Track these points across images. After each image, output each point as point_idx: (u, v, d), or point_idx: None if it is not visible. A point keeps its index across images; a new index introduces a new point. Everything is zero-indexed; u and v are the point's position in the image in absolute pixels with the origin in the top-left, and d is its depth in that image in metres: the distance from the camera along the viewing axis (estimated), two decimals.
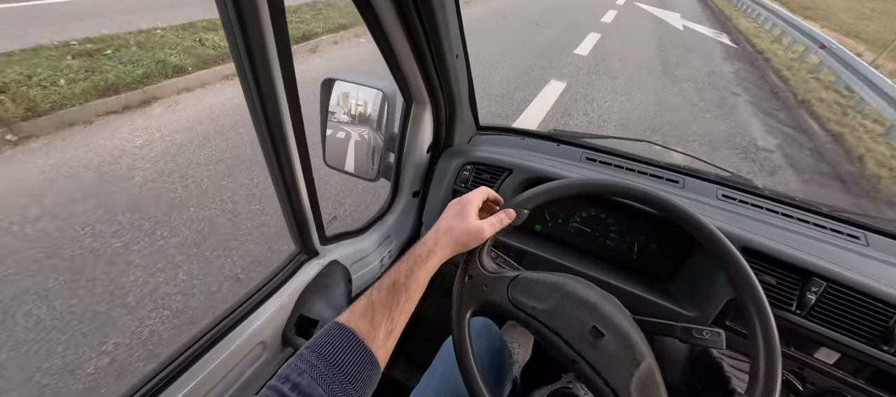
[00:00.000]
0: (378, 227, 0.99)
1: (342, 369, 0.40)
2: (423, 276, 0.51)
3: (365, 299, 0.47)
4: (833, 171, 3.65)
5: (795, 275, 0.68)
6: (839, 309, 0.65)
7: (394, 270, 0.51)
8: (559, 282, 0.57)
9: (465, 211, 0.58)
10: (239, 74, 0.44)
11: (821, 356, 0.69)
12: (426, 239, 0.55)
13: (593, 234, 0.88)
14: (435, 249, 0.54)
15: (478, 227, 0.57)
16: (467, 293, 0.59)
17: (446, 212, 0.59)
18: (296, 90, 0.49)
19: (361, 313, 0.45)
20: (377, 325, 0.45)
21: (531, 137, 1.08)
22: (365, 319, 0.45)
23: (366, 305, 0.46)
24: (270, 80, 0.44)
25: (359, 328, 0.44)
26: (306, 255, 0.72)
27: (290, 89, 0.48)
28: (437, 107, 0.84)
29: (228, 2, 0.37)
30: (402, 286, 0.49)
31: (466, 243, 0.56)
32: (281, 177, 0.56)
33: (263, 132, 0.49)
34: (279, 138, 0.51)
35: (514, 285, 0.58)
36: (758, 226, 0.76)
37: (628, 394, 0.50)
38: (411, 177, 0.98)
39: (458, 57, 0.72)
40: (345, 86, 0.92)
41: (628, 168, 0.95)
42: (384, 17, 0.58)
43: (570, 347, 0.54)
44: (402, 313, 0.48)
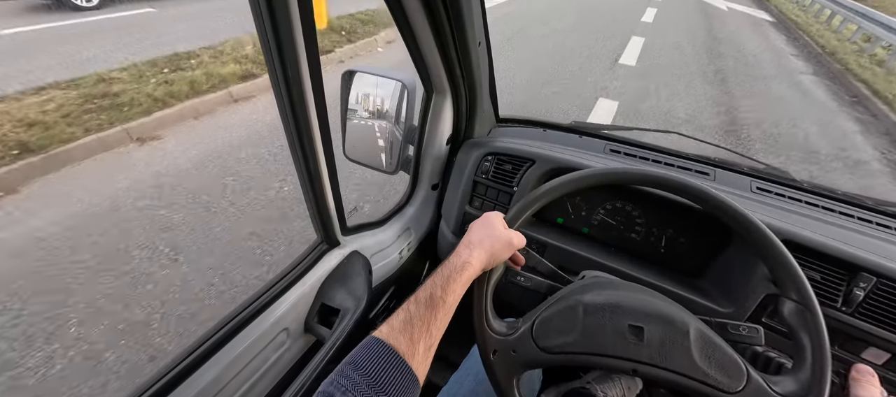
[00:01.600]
0: (397, 219, 0.99)
1: (386, 389, 0.39)
2: (459, 289, 0.51)
3: (403, 313, 0.47)
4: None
5: (841, 270, 0.64)
6: (890, 305, 0.61)
7: (429, 284, 0.50)
8: (572, 302, 0.54)
9: (491, 222, 0.58)
10: (268, 66, 0.44)
11: (869, 356, 0.65)
12: (459, 250, 0.55)
13: (618, 227, 0.86)
14: (470, 260, 0.53)
15: (508, 237, 0.56)
16: (501, 369, 0.55)
17: (472, 227, 0.58)
18: (321, 82, 0.49)
19: (401, 328, 0.45)
20: (416, 341, 0.44)
21: (552, 129, 1.06)
22: (404, 335, 0.44)
23: (404, 320, 0.46)
24: (297, 71, 0.45)
25: (399, 344, 0.43)
26: (328, 245, 0.73)
27: (316, 81, 0.48)
28: (458, 97, 0.83)
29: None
30: (440, 300, 0.48)
31: (499, 253, 0.56)
32: (305, 168, 0.57)
33: (289, 123, 0.50)
34: (304, 129, 0.51)
35: (538, 333, 0.54)
36: (798, 220, 0.72)
37: (697, 369, 0.48)
38: (430, 169, 0.98)
39: (481, 45, 0.71)
40: (365, 77, 0.92)
41: (654, 160, 0.92)
42: (408, 2, 0.57)
43: (622, 359, 0.51)
44: (440, 327, 0.47)
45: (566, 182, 0.60)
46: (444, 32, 0.62)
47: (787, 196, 0.81)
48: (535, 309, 0.58)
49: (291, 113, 0.48)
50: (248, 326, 0.60)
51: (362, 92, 0.95)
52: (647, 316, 0.51)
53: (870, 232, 0.72)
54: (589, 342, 0.52)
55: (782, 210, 0.76)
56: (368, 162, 1.02)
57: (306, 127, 0.51)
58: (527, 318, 0.57)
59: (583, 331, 0.52)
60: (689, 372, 0.47)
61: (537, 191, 0.61)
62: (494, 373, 0.55)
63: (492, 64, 0.84)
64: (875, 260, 0.62)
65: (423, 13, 0.58)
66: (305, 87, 0.47)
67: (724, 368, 0.47)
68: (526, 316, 0.57)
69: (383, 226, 0.94)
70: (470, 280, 0.53)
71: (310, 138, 0.52)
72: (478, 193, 0.93)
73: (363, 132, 1.00)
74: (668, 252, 0.82)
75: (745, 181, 0.85)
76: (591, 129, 1.06)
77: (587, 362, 0.52)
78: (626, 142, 0.99)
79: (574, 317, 0.53)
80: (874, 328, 0.62)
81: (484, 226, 0.57)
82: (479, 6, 0.65)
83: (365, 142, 1.01)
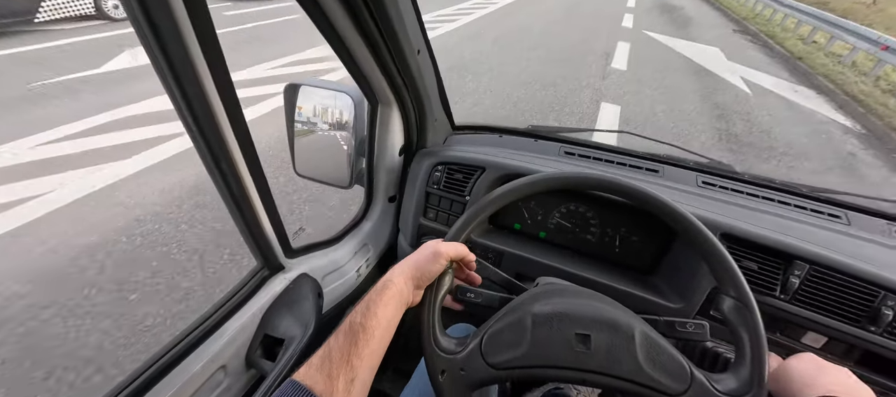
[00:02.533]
0: (353, 236, 0.95)
1: None
2: (382, 311, 0.48)
3: (323, 348, 0.44)
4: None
5: (778, 259, 0.65)
6: (824, 291, 0.63)
7: (351, 312, 0.48)
8: (521, 314, 0.53)
9: (426, 246, 0.56)
10: (164, 86, 0.41)
11: (808, 340, 0.67)
12: (384, 276, 0.53)
13: (574, 229, 0.86)
14: (391, 278, 0.52)
15: (433, 248, 0.55)
16: (450, 391, 0.53)
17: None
18: (234, 95, 0.46)
19: (318, 366, 0.42)
20: (335, 377, 0.41)
21: (508, 134, 1.06)
22: (322, 372, 0.42)
23: (323, 356, 0.43)
24: (200, 89, 0.41)
25: (315, 384, 0.40)
26: (269, 271, 0.68)
27: (226, 95, 0.44)
28: (405, 107, 0.81)
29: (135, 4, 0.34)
30: (360, 327, 0.46)
31: (425, 266, 0.54)
32: (228, 192, 0.52)
33: (200, 143, 0.46)
34: (219, 150, 0.47)
35: (487, 348, 0.53)
36: (738, 212, 0.73)
37: (643, 373, 0.48)
38: (385, 181, 0.95)
39: (420, 53, 0.69)
40: (310, 91, 0.89)
41: (607, 160, 0.93)
42: (334, 16, 0.55)
43: (570, 369, 0.50)
44: (364, 357, 0.44)
45: (507, 191, 0.59)
46: (377, 43, 0.60)
47: (730, 188, 0.84)
48: (485, 323, 0.56)
49: (198, 131, 0.44)
50: (177, 367, 0.55)
51: (309, 106, 0.91)
52: (594, 322, 0.51)
53: (804, 218, 0.75)
54: (538, 354, 0.50)
55: (724, 203, 0.78)
56: (321, 177, 0.98)
57: (221, 148, 0.47)
58: (476, 334, 0.55)
59: (532, 343, 0.51)
60: (635, 378, 0.47)
61: (471, 210, 0.59)
62: (443, 395, 0.53)
63: (438, 72, 0.82)
64: (807, 247, 0.64)
65: (351, 25, 0.56)
66: (212, 102, 0.43)
67: (669, 371, 0.47)
68: (475, 332, 0.55)
69: (337, 244, 0.90)
70: (394, 299, 0.50)
71: (228, 160, 0.48)
72: (431, 204, 0.91)
73: (313, 147, 0.96)
74: (623, 251, 0.82)
75: (691, 176, 0.88)
76: (546, 133, 1.06)
77: (538, 375, 0.51)
78: (580, 144, 1.00)
79: (523, 329, 0.52)
80: (811, 313, 0.64)
81: (419, 250, 0.56)
82: (413, 14, 0.63)
83: (316, 158, 0.97)
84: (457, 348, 0.54)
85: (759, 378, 0.46)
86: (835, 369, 0.49)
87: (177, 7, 0.35)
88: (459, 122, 1.08)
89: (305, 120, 0.92)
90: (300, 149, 0.94)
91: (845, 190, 0.87)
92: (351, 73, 0.69)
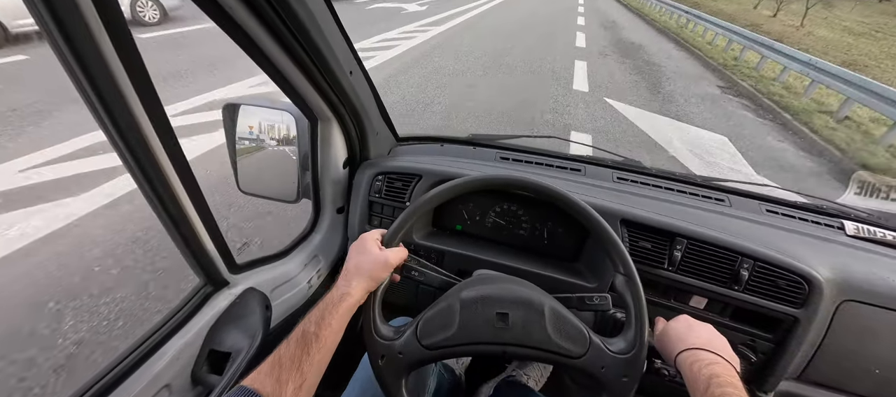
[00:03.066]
0: (303, 248, 0.98)
1: None
2: (336, 322, 0.51)
3: (273, 355, 0.46)
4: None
5: (664, 237, 0.78)
6: (699, 261, 0.76)
7: (304, 321, 0.50)
8: (452, 299, 0.60)
9: (365, 247, 0.60)
10: (88, 108, 0.43)
11: (694, 303, 0.80)
12: (338, 284, 0.56)
13: (508, 227, 0.94)
14: (348, 291, 0.55)
15: (384, 258, 0.60)
16: (389, 373, 0.59)
17: (350, 255, 0.60)
18: (163, 112, 0.48)
19: (267, 371, 0.44)
20: (284, 382, 0.43)
21: (449, 143, 1.13)
22: (271, 377, 0.43)
23: (273, 362, 0.45)
24: (125, 107, 0.43)
25: (263, 388, 0.42)
26: (213, 287, 0.69)
27: (154, 113, 0.46)
28: (344, 123, 0.85)
29: (44, 12, 0.35)
30: (313, 336, 0.48)
31: (378, 274, 0.59)
32: (164, 212, 0.54)
33: (130, 163, 0.48)
34: (150, 167, 0.49)
35: (422, 332, 0.59)
36: (640, 201, 0.86)
37: (551, 342, 0.56)
38: (332, 193, 0.99)
39: (353, 73, 0.75)
40: (251, 110, 0.91)
41: (537, 162, 1.03)
42: (262, 43, 0.58)
43: (493, 344, 0.58)
44: (315, 363, 0.47)
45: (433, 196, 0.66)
46: (309, 67, 0.65)
47: (639, 182, 0.97)
48: (421, 312, 0.63)
49: (130, 153, 0.46)
50: (116, 390, 0.55)
51: (250, 124, 0.93)
52: (511, 302, 0.59)
53: (695, 203, 0.89)
54: (465, 333, 0.58)
55: (632, 195, 0.90)
56: (267, 193, 1.00)
57: (153, 167, 0.49)
58: (412, 322, 0.61)
59: (460, 325, 0.58)
60: (545, 346, 0.55)
61: (402, 215, 0.66)
62: (382, 377, 0.58)
63: (375, 90, 0.88)
64: (686, 226, 0.77)
65: (281, 51, 0.60)
66: (141, 123, 0.45)
67: (572, 337, 0.56)
68: (412, 321, 0.62)
69: (286, 257, 0.92)
70: (351, 311, 0.54)
71: (161, 179, 0.50)
72: (375, 212, 0.96)
73: (258, 164, 0.98)
74: (550, 242, 0.92)
75: (608, 173, 1.00)
76: (485, 140, 1.15)
77: (466, 351, 0.58)
78: (515, 149, 1.10)
79: (452, 313, 0.59)
80: (693, 280, 0.77)
81: (359, 252, 0.60)
82: (342, 40, 0.68)
83: (261, 174, 0.99)
84: (395, 336, 0.60)
85: (640, 338, 0.56)
86: (700, 326, 0.61)
87: (96, 30, 0.37)
88: (404, 134, 1.15)
89: (248, 138, 0.94)
90: (243, 167, 0.96)
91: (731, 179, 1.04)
92: (286, 94, 0.72)
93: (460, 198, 0.94)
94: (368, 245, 0.61)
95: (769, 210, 0.91)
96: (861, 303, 0.72)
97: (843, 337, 0.73)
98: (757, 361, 0.78)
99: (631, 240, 0.78)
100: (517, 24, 10.03)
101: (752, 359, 0.78)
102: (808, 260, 0.74)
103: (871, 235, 0.85)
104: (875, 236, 0.85)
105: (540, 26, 10.06)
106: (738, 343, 0.78)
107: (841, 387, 0.77)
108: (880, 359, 0.73)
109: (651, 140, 3.86)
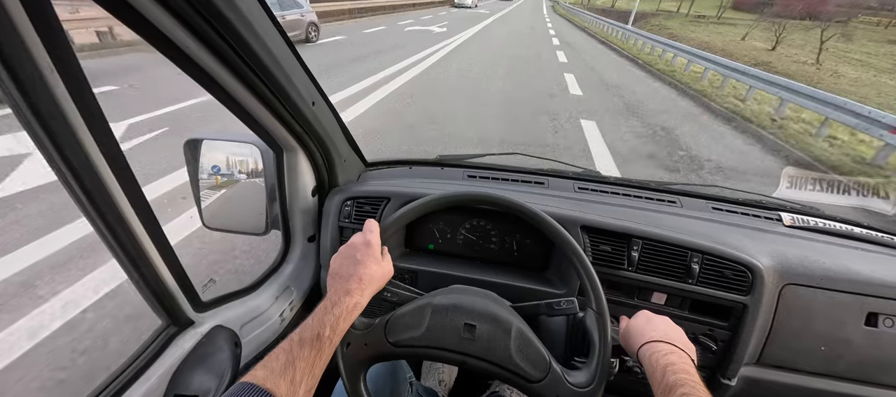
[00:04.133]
0: (273, 281, 0.96)
1: None
2: (343, 325, 0.52)
3: (284, 355, 0.44)
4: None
5: (622, 239, 0.83)
6: (655, 259, 0.81)
7: (316, 323, 0.49)
8: (425, 302, 0.63)
9: (377, 255, 0.60)
10: (41, 152, 0.42)
11: (655, 299, 0.84)
12: (351, 288, 0.55)
13: (479, 242, 0.97)
14: (361, 300, 0.55)
15: (389, 269, 0.62)
16: (350, 361, 0.60)
17: (361, 261, 0.58)
18: (116, 145, 0.47)
19: (281, 371, 0.42)
20: (298, 383, 0.42)
21: (418, 165, 1.16)
22: (285, 378, 0.41)
23: (286, 362, 0.43)
24: (78, 145, 0.43)
25: (278, 389, 0.40)
26: (177, 328, 0.67)
27: (107, 147, 0.46)
28: (310, 152, 0.87)
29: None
30: (328, 340, 0.47)
31: (383, 285, 0.61)
32: (122, 251, 0.53)
33: (86, 206, 0.47)
34: (105, 206, 0.48)
35: (390, 328, 0.61)
36: (599, 208, 0.91)
37: (512, 361, 0.57)
38: (302, 223, 0.98)
39: (316, 104, 0.77)
40: (214, 144, 0.91)
41: (503, 178, 1.07)
42: (222, 79, 0.59)
43: (454, 352, 0.60)
44: (323, 367, 0.47)
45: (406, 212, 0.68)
46: (270, 99, 0.66)
47: (599, 190, 1.03)
48: (392, 309, 0.64)
49: (82, 192, 0.45)
50: None
51: (214, 160, 0.93)
52: (481, 315, 0.60)
53: (644, 206, 0.95)
54: (431, 337, 0.60)
55: (592, 202, 0.95)
56: (235, 227, 0.98)
57: (106, 202, 0.48)
58: (383, 317, 0.63)
59: (428, 328, 0.60)
60: (505, 364, 0.57)
61: (392, 216, 0.69)
62: (345, 364, 0.60)
63: (339, 118, 0.90)
64: (640, 228, 0.82)
65: (241, 87, 0.61)
66: (93, 158, 0.44)
67: (533, 361, 0.58)
68: (382, 317, 0.63)
69: (256, 291, 0.90)
70: (356, 316, 0.55)
71: (117, 217, 0.50)
72: (346, 238, 0.96)
73: (223, 199, 0.97)
74: (520, 254, 0.95)
75: (570, 184, 1.06)
76: (453, 160, 1.19)
77: (428, 355, 0.60)
78: (482, 167, 1.14)
79: (422, 316, 0.61)
80: (651, 278, 0.82)
81: (375, 261, 0.59)
82: (301, 71, 0.70)
83: (227, 209, 0.98)
84: (363, 326, 0.61)
85: (600, 374, 0.58)
86: (657, 319, 0.64)
87: (46, 69, 0.38)
88: (372, 159, 1.17)
89: (211, 173, 0.93)
90: (209, 202, 0.94)
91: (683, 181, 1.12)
92: (250, 127, 0.73)
93: (430, 218, 0.97)
94: (379, 253, 0.61)
95: (715, 207, 0.98)
96: (800, 286, 0.79)
97: (789, 320, 0.79)
98: (718, 349, 0.82)
99: (592, 244, 0.83)
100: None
101: (713, 348, 0.82)
102: (750, 250, 0.80)
103: (804, 224, 0.94)
104: (808, 224, 0.94)
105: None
106: (698, 334, 0.83)
107: (795, 367, 0.83)
108: (824, 337, 0.79)
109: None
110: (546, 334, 0.80)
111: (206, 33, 0.49)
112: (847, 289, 0.77)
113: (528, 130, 4.91)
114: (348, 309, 0.53)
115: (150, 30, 0.45)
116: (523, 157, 1.26)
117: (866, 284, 0.77)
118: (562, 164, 1.20)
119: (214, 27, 0.49)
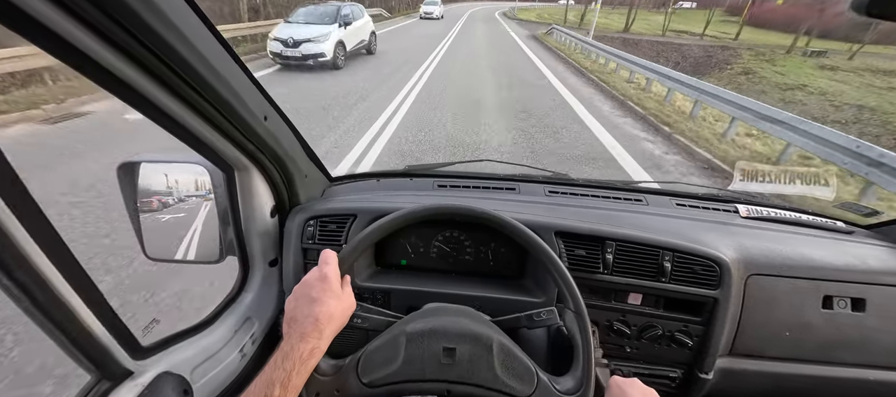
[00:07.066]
0: (230, 313, 0.87)
1: None
2: (302, 380, 0.47)
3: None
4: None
5: (596, 243, 0.82)
6: (629, 260, 0.82)
7: (261, 386, 0.45)
8: (397, 331, 0.58)
9: (335, 289, 0.55)
10: None
11: (632, 300, 0.85)
12: (306, 333, 0.50)
13: (453, 254, 0.93)
14: (319, 346, 0.50)
15: (350, 303, 0.56)
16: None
17: (318, 300, 0.53)
18: (18, 182, 0.40)
19: None
20: None
21: (386, 177, 1.12)
22: None
23: None
24: None
25: None
26: (110, 382, 0.58)
27: (3, 184, 0.39)
28: (266, 170, 0.80)
29: None
30: (294, 388, 0.44)
31: (346, 321, 0.55)
32: (32, 304, 0.44)
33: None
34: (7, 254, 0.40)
35: (363, 367, 0.56)
36: (571, 211, 0.91)
37: (498, 379, 0.54)
38: (262, 246, 0.90)
39: (268, 118, 0.70)
40: (152, 167, 0.82)
41: (474, 186, 1.05)
42: (157, 99, 0.52)
43: (436, 381, 0.55)
44: None
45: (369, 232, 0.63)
46: (214, 116, 0.59)
47: (569, 194, 1.03)
48: (365, 346, 0.59)
49: None
50: None
51: (154, 184, 0.83)
52: (459, 336, 0.57)
53: (613, 206, 0.96)
54: (409, 369, 0.55)
55: (563, 206, 0.95)
56: (182, 256, 0.88)
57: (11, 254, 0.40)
58: (354, 356, 0.57)
59: (405, 360, 0.55)
60: (491, 384, 0.54)
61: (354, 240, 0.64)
62: None
63: (297, 132, 0.84)
64: (612, 230, 0.82)
65: (181, 106, 0.54)
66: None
67: (519, 375, 0.55)
68: (354, 355, 0.57)
69: (210, 327, 0.81)
70: (315, 365, 0.50)
71: (21, 263, 0.42)
72: (310, 259, 0.90)
73: (167, 227, 0.87)
74: (496, 263, 0.93)
75: (541, 188, 1.05)
76: (422, 170, 1.15)
77: (408, 389, 0.55)
78: (451, 176, 1.11)
79: (397, 347, 0.56)
80: (627, 279, 0.82)
81: (334, 296, 0.54)
82: (251, 85, 0.64)
83: (172, 237, 0.88)
84: (332, 370, 0.55)
85: (587, 376, 0.57)
86: (630, 385, 0.56)
87: None
88: (337, 174, 1.10)
89: (152, 198, 0.83)
90: (150, 231, 0.84)
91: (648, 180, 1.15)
92: (193, 148, 0.66)
93: (401, 232, 0.92)
94: (338, 287, 0.55)
95: (679, 204, 1.01)
96: (763, 275, 0.82)
97: (755, 309, 0.82)
98: (693, 344, 0.84)
99: (567, 249, 0.82)
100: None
101: (689, 344, 0.83)
102: (715, 244, 0.83)
103: (759, 214, 0.99)
104: (762, 214, 0.99)
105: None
106: (675, 331, 0.84)
107: (765, 355, 0.86)
108: (788, 323, 0.83)
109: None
110: (527, 343, 0.77)
111: (131, 46, 0.43)
112: (805, 275, 0.81)
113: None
114: (303, 358, 0.48)
115: (58, 43, 0.38)
116: (493, 164, 1.24)
117: (820, 269, 0.82)
118: (532, 169, 1.19)
119: (139, 39, 0.43)
